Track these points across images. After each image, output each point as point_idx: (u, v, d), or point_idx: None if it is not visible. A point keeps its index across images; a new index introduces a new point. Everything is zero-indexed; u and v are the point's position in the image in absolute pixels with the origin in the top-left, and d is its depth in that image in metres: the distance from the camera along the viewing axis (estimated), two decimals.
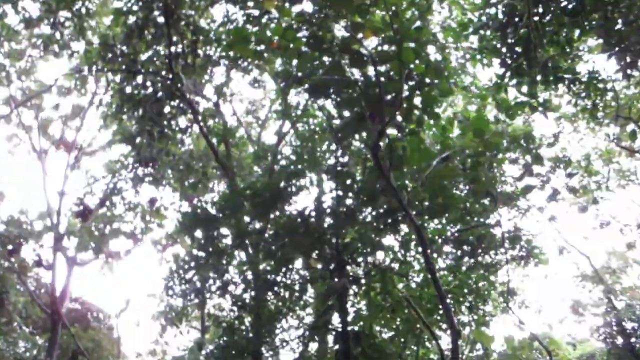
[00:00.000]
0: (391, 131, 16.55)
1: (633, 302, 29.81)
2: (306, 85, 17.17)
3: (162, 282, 22.90)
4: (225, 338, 21.45)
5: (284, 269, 19.88)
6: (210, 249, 20.83)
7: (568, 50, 14.48)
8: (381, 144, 16.29)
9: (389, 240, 19.48)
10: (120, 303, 55.21)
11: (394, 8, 14.66)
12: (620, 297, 30.43)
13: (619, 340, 28.02)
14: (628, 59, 14.25)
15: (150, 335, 66.07)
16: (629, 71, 14.50)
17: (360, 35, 15.57)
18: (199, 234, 21.25)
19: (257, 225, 19.64)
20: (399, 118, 16.21)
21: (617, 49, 14.09)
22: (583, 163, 20.09)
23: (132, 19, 20.81)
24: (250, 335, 20.19)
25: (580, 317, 32.30)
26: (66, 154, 30.05)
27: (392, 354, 19.48)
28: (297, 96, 20.46)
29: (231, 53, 21.39)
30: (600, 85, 16.32)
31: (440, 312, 18.42)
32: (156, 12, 20.52)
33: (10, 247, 29.86)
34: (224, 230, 20.58)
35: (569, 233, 49.59)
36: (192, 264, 22.07)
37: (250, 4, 18.50)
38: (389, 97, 15.80)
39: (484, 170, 18.20)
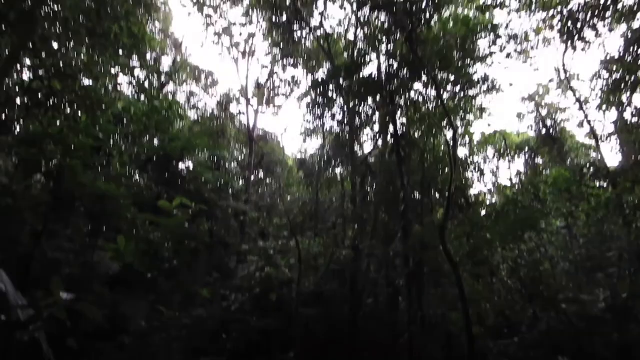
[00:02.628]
0: None
1: (550, 110, 28.87)
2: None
3: (302, 116, 23.12)
4: (334, 142, 21.89)
5: (362, 103, 19.99)
6: (323, 96, 20.98)
7: None
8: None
9: (417, 85, 19.25)
10: (282, 129, 56.90)
11: None
12: (544, 108, 29.33)
13: (543, 132, 27.42)
14: None
15: (297, 144, 68.00)
16: None
17: None
18: (318, 90, 21.40)
19: (347, 83, 19.56)
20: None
21: None
22: (524, 36, 18.89)
23: None
24: (347, 138, 20.58)
25: (521, 120, 31.26)
26: (246, 58, 29.75)
27: (420, 142, 19.59)
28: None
29: None
30: None
31: (446, 120, 18.29)
32: None
33: (225, 106, 30.81)
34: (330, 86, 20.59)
35: (516, 74, 47.32)
36: (316, 105, 22.32)
37: None
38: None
39: (468, 44, 17.52)
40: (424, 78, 18.27)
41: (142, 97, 14.55)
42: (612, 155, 32.19)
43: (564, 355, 12.88)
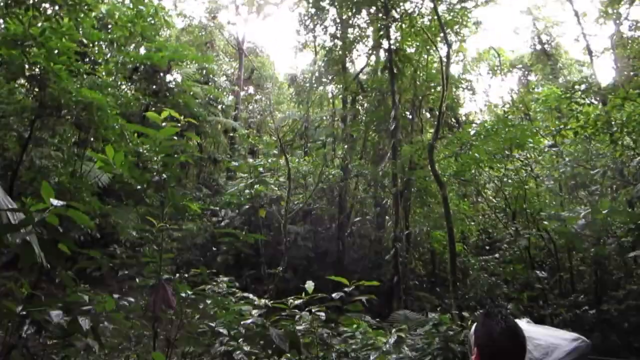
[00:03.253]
0: None
1: (547, 24, 28.02)
2: None
3: (293, 30, 22.00)
4: (326, 57, 21.17)
5: (356, 16, 19.08)
6: (315, 6, 20.04)
7: None
8: None
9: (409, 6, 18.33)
10: (273, 42, 55.41)
11: None
12: (539, 22, 28.41)
13: (538, 47, 26.87)
14: None
15: (288, 60, 65.75)
16: None
17: None
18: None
19: None
20: None
21: None
22: None
23: None
24: (339, 53, 19.92)
25: (517, 35, 30.26)
26: None
27: (414, 61, 19.11)
28: None
29: None
30: None
31: (442, 35, 17.62)
32: None
33: (213, 15, 29.51)
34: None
35: None
36: (308, 17, 21.38)
37: None
38: None
39: None
40: None
41: (127, 1, 13.80)
42: (605, 73, 31.90)
43: (542, 269, 13.53)
